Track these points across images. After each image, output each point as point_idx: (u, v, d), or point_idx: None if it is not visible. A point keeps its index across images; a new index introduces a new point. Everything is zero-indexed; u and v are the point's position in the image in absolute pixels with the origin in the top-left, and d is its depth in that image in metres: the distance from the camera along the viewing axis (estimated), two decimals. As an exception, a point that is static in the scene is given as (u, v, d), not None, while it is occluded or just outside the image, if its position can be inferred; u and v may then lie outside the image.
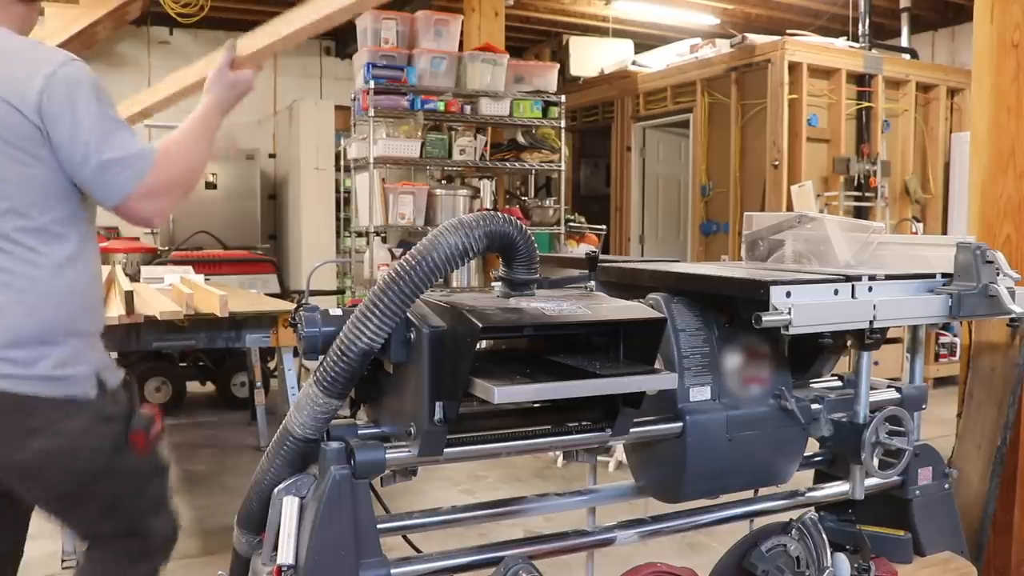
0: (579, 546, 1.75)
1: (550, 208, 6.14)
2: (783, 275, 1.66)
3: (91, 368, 1.63)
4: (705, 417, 1.65)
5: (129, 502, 1.73)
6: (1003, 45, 2.51)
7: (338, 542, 1.37)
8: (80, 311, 1.64)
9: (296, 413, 1.45)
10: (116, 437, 1.66)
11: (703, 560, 1.93)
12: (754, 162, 6.23)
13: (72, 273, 1.62)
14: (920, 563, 2.01)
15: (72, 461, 1.61)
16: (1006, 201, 2.51)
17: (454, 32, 5.58)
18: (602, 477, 3.70)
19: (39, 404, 1.56)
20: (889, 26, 7.58)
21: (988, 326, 2.51)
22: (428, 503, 1.96)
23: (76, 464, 1.62)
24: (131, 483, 1.72)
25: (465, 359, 1.32)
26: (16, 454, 1.57)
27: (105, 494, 1.68)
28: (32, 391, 1.55)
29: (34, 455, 1.57)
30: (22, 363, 1.55)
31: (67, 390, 1.59)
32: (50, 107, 1.53)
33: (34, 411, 1.56)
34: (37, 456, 1.58)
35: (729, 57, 6.41)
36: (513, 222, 1.45)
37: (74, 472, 1.63)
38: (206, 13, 6.67)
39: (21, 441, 1.56)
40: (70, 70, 1.57)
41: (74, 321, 1.62)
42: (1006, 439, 2.42)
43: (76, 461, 1.62)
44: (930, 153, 6.84)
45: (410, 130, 5.52)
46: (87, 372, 1.62)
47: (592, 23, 8.46)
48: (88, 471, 1.64)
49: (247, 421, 5.17)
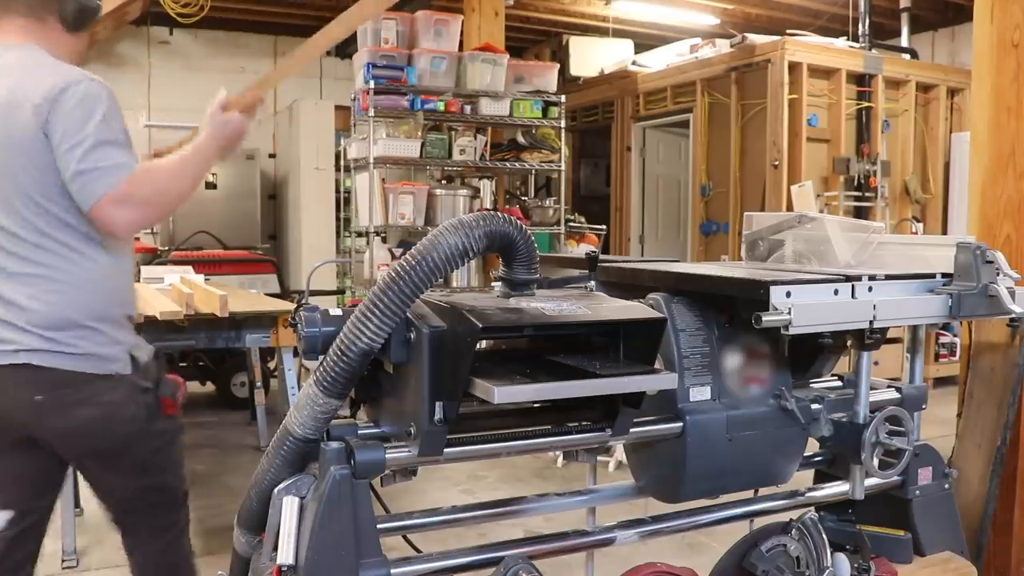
0: (579, 546, 1.74)
1: (550, 208, 6.14)
2: (783, 275, 1.66)
3: (124, 348, 1.88)
4: (705, 417, 1.65)
5: (158, 460, 1.99)
6: (1003, 45, 2.51)
7: (338, 542, 1.37)
8: (112, 300, 1.88)
9: (296, 413, 1.45)
10: (149, 405, 1.92)
11: (703, 560, 1.93)
12: (754, 162, 6.24)
13: (105, 267, 1.85)
14: (920, 563, 2.00)
15: (112, 427, 1.86)
16: (1006, 201, 2.51)
17: (454, 32, 5.58)
18: (602, 477, 3.70)
19: (83, 379, 1.80)
20: (889, 26, 7.59)
21: (988, 326, 2.51)
22: (428, 503, 1.96)
23: (115, 429, 1.87)
24: (160, 443, 1.98)
25: (465, 359, 1.32)
26: (65, 422, 1.82)
27: (139, 454, 1.93)
28: (77, 368, 1.79)
29: (80, 423, 1.83)
30: (66, 344, 1.78)
31: (106, 367, 1.83)
32: (54, 116, 1.72)
33: (79, 385, 1.80)
34: (83, 424, 1.83)
35: (729, 57, 6.41)
36: (513, 222, 1.45)
37: (113, 436, 1.88)
38: (206, 13, 6.68)
39: (69, 411, 1.81)
40: (84, 87, 1.76)
41: (107, 308, 1.86)
42: (1006, 439, 2.42)
43: (115, 427, 1.87)
44: (930, 153, 6.85)
45: (410, 130, 5.52)
46: (121, 352, 1.87)
47: (592, 23, 8.47)
48: (125, 434, 1.89)
49: (247, 421, 5.18)
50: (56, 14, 1.89)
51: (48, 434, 1.86)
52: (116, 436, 1.88)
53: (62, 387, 1.79)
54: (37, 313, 1.77)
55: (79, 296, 1.80)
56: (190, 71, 7.67)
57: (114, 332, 1.86)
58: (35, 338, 1.77)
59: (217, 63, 8.66)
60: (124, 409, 1.87)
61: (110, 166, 1.73)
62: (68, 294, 1.79)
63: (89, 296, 1.82)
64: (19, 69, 1.80)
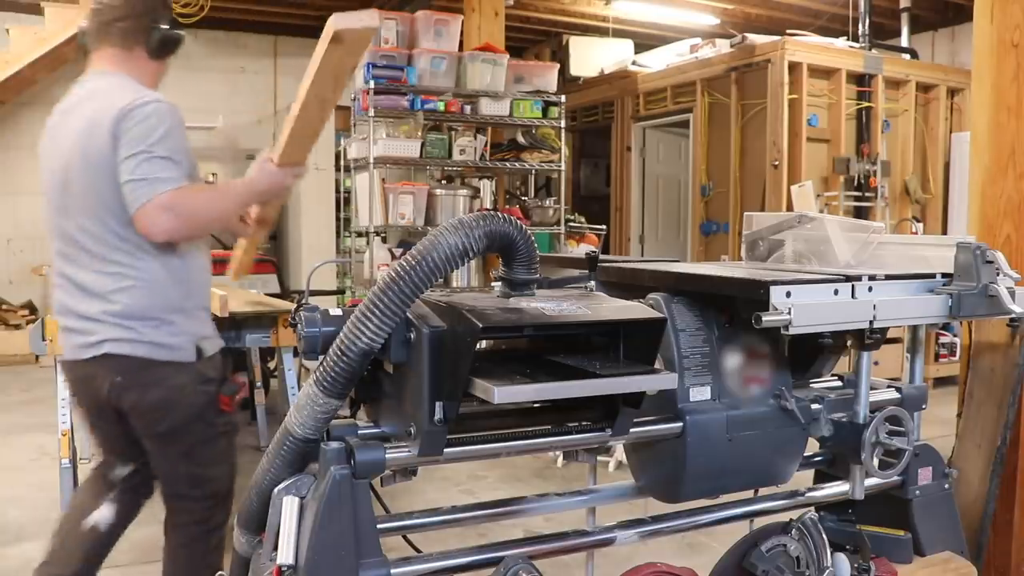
0: (579, 546, 1.74)
1: (550, 208, 6.14)
2: (783, 275, 1.66)
3: (191, 338, 2.12)
4: (705, 417, 1.65)
5: (206, 451, 2.20)
6: (1003, 45, 2.51)
7: (338, 542, 1.37)
8: (182, 293, 2.11)
9: (296, 413, 1.45)
10: (209, 396, 2.15)
11: (703, 560, 1.93)
12: (754, 162, 6.24)
13: (174, 265, 2.09)
14: (920, 563, 2.01)
15: (174, 409, 2.11)
16: (1006, 201, 2.51)
17: (454, 32, 5.58)
18: (602, 477, 3.70)
19: (153, 364, 2.07)
20: (889, 26, 7.59)
21: (988, 326, 2.51)
22: (428, 503, 1.96)
23: (176, 411, 2.12)
24: (211, 435, 2.19)
25: (465, 359, 1.32)
26: (138, 400, 2.10)
27: (190, 440, 2.16)
28: (148, 354, 2.06)
29: (150, 402, 2.09)
30: (139, 333, 2.05)
31: (173, 355, 2.08)
32: (121, 131, 1.97)
33: (151, 369, 2.07)
34: (151, 403, 2.09)
35: (729, 57, 6.41)
36: (513, 222, 1.45)
37: (173, 418, 2.11)
38: (206, 13, 6.68)
39: (142, 391, 2.09)
40: (152, 107, 2.01)
41: (177, 301, 2.10)
42: (1006, 439, 2.42)
43: (177, 409, 2.12)
44: (930, 153, 6.85)
45: (410, 130, 5.52)
46: (187, 341, 2.11)
47: (592, 23, 8.47)
48: (183, 418, 2.12)
49: (247, 421, 5.17)
50: (143, 45, 2.17)
51: (126, 409, 2.13)
52: (175, 418, 2.12)
53: (137, 371, 2.07)
54: (116, 305, 2.04)
55: (150, 290, 2.06)
56: (190, 71, 7.66)
57: (183, 323, 2.10)
58: (114, 328, 2.05)
59: (217, 63, 8.66)
60: (186, 393, 2.11)
61: (158, 179, 1.95)
62: (141, 289, 2.05)
63: (159, 291, 2.07)
64: (103, 94, 2.07)
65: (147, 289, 2.06)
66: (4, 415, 5.54)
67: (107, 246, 2.04)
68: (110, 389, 2.10)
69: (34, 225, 8.21)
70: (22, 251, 8.23)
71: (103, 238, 2.04)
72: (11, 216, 8.17)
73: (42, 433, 4.85)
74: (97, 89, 2.11)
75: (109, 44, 2.16)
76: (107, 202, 2.01)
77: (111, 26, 2.15)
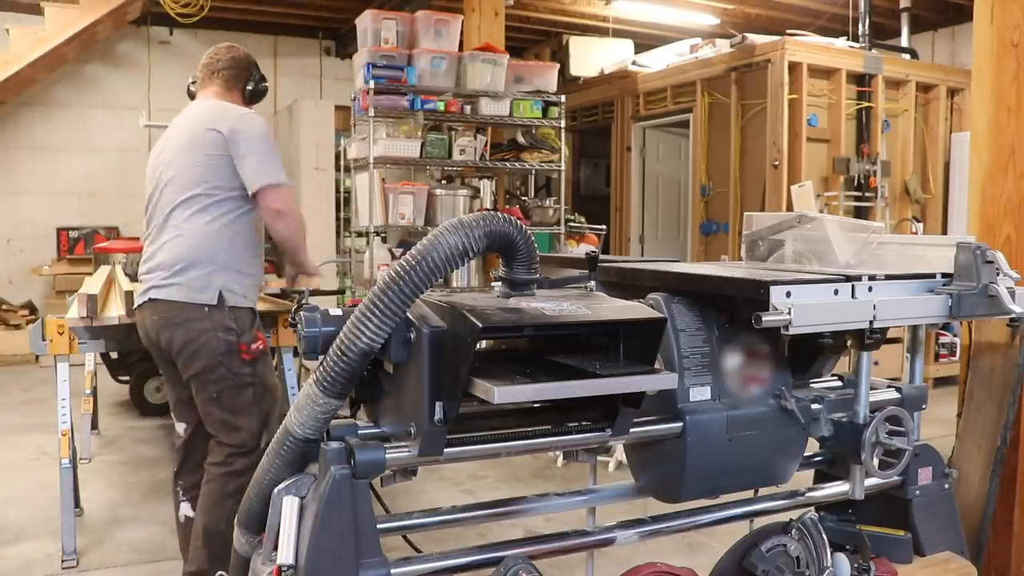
0: (579, 546, 1.74)
1: (550, 208, 6.14)
2: (783, 275, 1.66)
3: (216, 286, 2.48)
4: (705, 417, 1.65)
5: (233, 399, 2.51)
6: (1003, 45, 2.51)
7: (338, 542, 1.38)
8: (223, 249, 2.51)
9: (296, 413, 1.45)
10: (229, 344, 2.49)
11: (703, 560, 1.93)
12: (754, 162, 6.23)
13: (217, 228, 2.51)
14: (920, 563, 2.01)
15: (200, 350, 2.47)
16: (1006, 201, 2.51)
17: (454, 32, 5.57)
18: (602, 477, 3.70)
19: (180, 307, 2.47)
20: (889, 26, 7.59)
21: (988, 326, 2.51)
22: (428, 503, 1.96)
23: (201, 353, 2.47)
24: (236, 384, 2.51)
25: (465, 359, 1.32)
26: (171, 338, 2.49)
27: (218, 385, 2.49)
28: (178, 297, 2.47)
29: (179, 341, 2.48)
30: (173, 279, 2.48)
31: (195, 297, 2.47)
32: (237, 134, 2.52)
33: (179, 311, 2.48)
34: (181, 342, 2.48)
35: (729, 57, 6.41)
36: (513, 222, 1.45)
37: (199, 360, 2.47)
38: (206, 13, 6.68)
39: (172, 330, 2.49)
40: (259, 120, 2.61)
41: (211, 254, 2.49)
42: (1006, 439, 2.42)
43: (202, 351, 2.46)
44: (930, 153, 6.85)
45: (410, 130, 5.52)
46: (212, 288, 2.48)
47: (592, 23, 8.47)
48: (208, 361, 2.47)
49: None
50: (241, 89, 2.78)
51: (166, 348, 2.51)
52: (201, 360, 2.47)
53: (168, 311, 2.48)
54: (165, 257, 2.51)
55: (188, 243, 2.49)
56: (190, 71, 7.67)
57: (213, 272, 2.48)
58: (158, 276, 2.51)
59: (217, 63, 8.64)
60: (209, 337, 2.46)
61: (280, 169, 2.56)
62: (183, 241, 2.50)
63: (197, 242, 2.49)
64: (209, 107, 2.65)
65: (186, 241, 2.49)
66: (4, 415, 5.54)
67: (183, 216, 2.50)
68: (151, 328, 2.53)
69: (34, 225, 8.21)
70: (22, 251, 8.22)
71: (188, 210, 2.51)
72: (11, 216, 8.17)
73: (42, 433, 4.85)
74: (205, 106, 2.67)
75: (213, 84, 2.74)
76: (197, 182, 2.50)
77: (218, 73, 2.74)
